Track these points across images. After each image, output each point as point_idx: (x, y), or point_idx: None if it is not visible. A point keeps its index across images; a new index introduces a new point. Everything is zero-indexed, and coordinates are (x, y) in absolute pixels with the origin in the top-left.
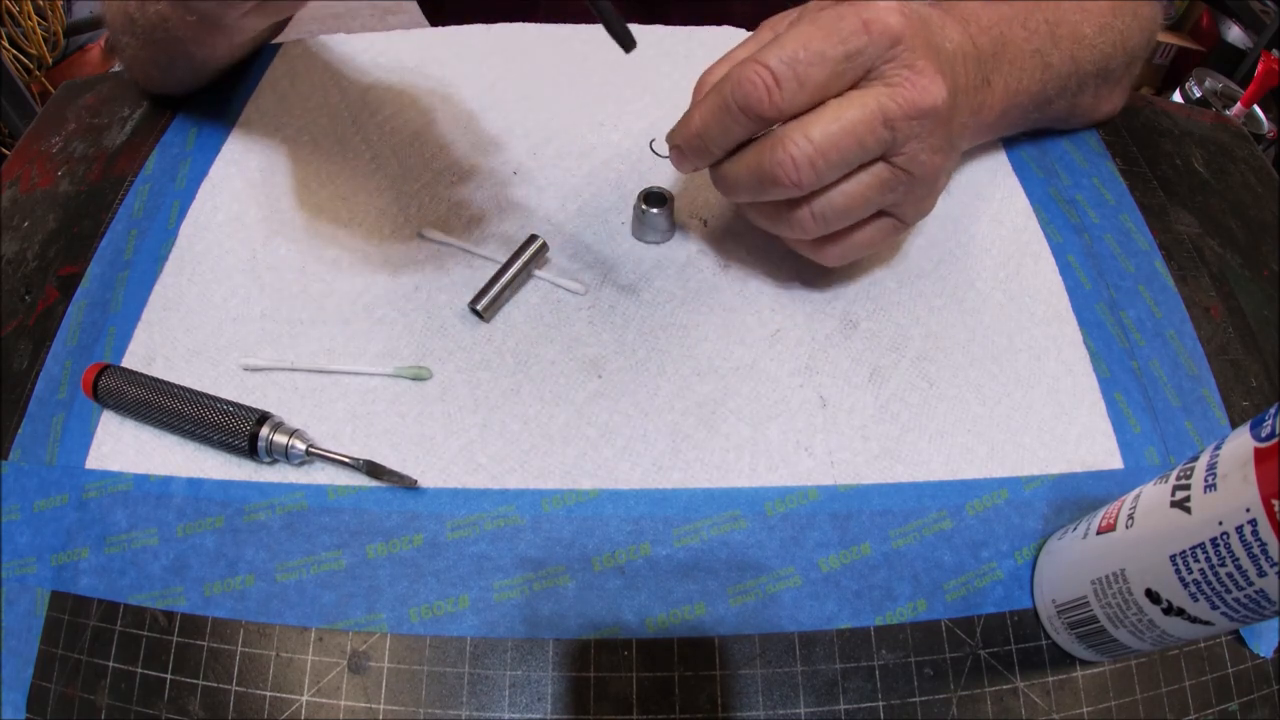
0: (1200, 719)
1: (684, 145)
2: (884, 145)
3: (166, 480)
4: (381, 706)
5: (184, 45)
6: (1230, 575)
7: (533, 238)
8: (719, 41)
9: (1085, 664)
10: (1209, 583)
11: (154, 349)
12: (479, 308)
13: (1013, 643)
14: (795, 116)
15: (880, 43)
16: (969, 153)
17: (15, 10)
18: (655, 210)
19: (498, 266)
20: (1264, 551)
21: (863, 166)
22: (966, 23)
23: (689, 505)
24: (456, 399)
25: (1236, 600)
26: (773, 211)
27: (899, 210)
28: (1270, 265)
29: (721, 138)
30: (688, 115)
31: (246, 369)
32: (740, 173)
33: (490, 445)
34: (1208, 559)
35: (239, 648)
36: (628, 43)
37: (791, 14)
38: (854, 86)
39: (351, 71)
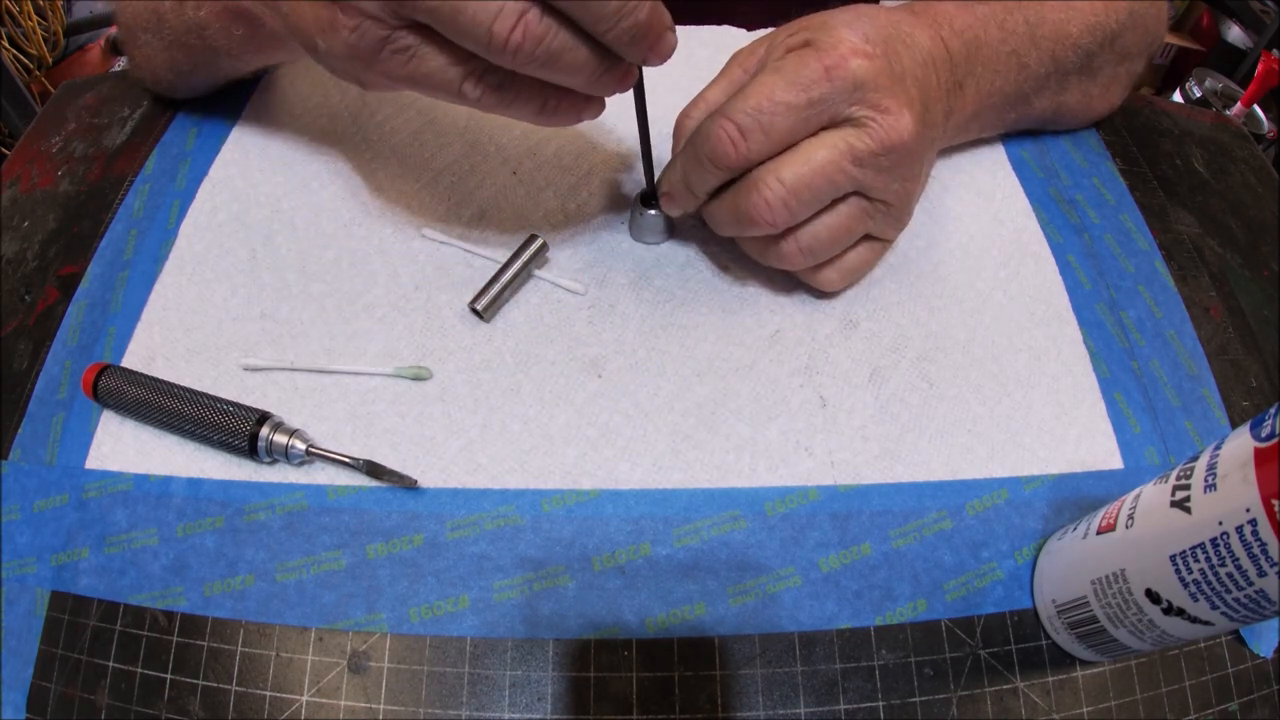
0: (1200, 719)
1: (672, 191)
2: (855, 183)
3: (166, 480)
4: (381, 706)
5: (216, 55)
6: (1230, 575)
7: (533, 237)
8: (720, 41)
9: (1085, 664)
10: (1209, 583)
11: (154, 349)
12: (479, 308)
13: (1013, 643)
14: (768, 158)
15: (843, 89)
16: (968, 153)
17: (15, 10)
18: (653, 212)
19: (498, 266)
20: (1264, 551)
21: (840, 200)
22: (939, 25)
23: (689, 505)
24: (456, 399)
25: (1236, 600)
26: (762, 245)
27: (880, 232)
28: (1270, 265)
29: (700, 185)
30: (671, 164)
31: (246, 369)
32: (722, 213)
33: (490, 445)
34: (1208, 559)
35: (239, 648)
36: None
37: (759, 49)
38: (825, 127)
39: None
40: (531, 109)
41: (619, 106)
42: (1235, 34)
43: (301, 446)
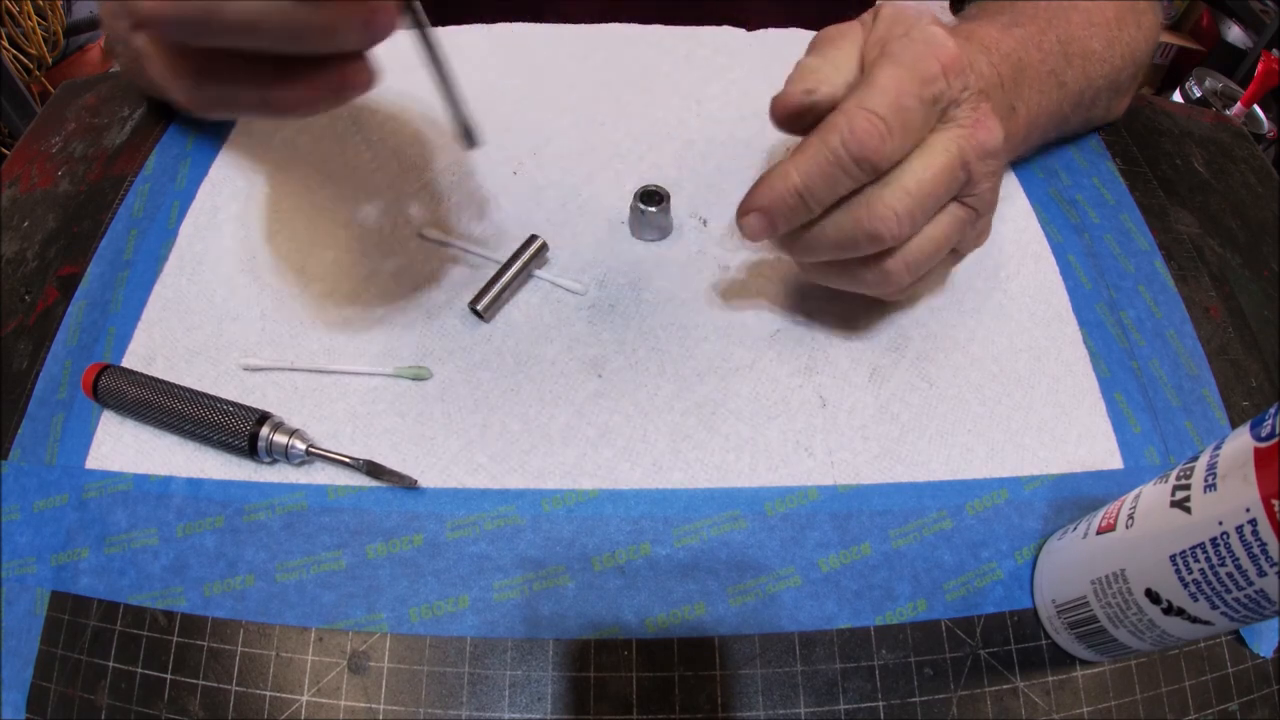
0: (1200, 719)
1: (776, 207)
2: (960, 187)
3: (166, 480)
4: (381, 706)
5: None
6: (1230, 575)
7: (533, 238)
8: (719, 41)
9: (1085, 664)
10: (1209, 583)
11: (154, 349)
12: (479, 308)
13: (1013, 643)
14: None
15: (956, 84)
16: None
17: (15, 10)
18: (653, 209)
19: (498, 266)
20: (1264, 551)
21: (940, 209)
22: (989, 52)
23: (689, 505)
24: (456, 399)
25: (1236, 600)
26: (858, 268)
27: (966, 244)
28: (1270, 265)
29: (827, 193)
30: (775, 174)
31: (246, 369)
32: (830, 234)
33: (490, 445)
34: (1208, 559)
35: (239, 648)
36: (472, 140)
37: (852, 31)
38: (934, 130)
39: None
40: (252, 100)
41: (618, 106)
42: (1235, 34)
43: (301, 446)
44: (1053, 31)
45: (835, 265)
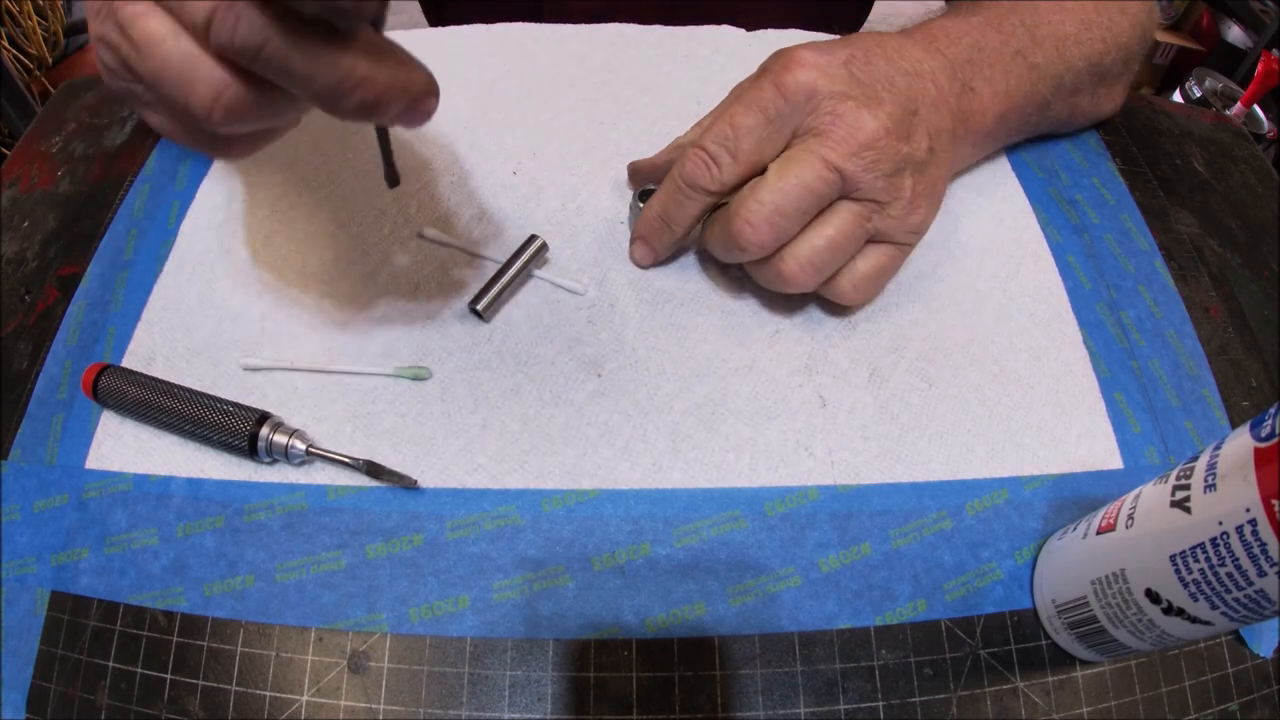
0: (1200, 719)
1: (646, 231)
2: (836, 187)
3: (166, 480)
4: (381, 706)
5: None
6: (1230, 575)
7: (533, 238)
8: (719, 41)
9: (1085, 664)
10: (1209, 583)
11: (154, 349)
12: (479, 308)
13: (1013, 643)
14: (744, 183)
15: (796, 100)
16: None
17: (15, 10)
18: None
19: (498, 266)
20: (1264, 551)
21: (828, 209)
22: (933, 39)
23: (689, 505)
24: (456, 399)
25: (1236, 600)
26: (767, 270)
27: (887, 235)
28: (1270, 265)
29: (680, 215)
30: (645, 207)
31: (246, 369)
32: (714, 241)
33: (490, 445)
34: (1207, 559)
35: (239, 648)
36: (393, 180)
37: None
38: (791, 144)
39: None
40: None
41: (618, 105)
42: (1235, 34)
43: (301, 446)
44: (1015, 15)
45: (760, 269)
